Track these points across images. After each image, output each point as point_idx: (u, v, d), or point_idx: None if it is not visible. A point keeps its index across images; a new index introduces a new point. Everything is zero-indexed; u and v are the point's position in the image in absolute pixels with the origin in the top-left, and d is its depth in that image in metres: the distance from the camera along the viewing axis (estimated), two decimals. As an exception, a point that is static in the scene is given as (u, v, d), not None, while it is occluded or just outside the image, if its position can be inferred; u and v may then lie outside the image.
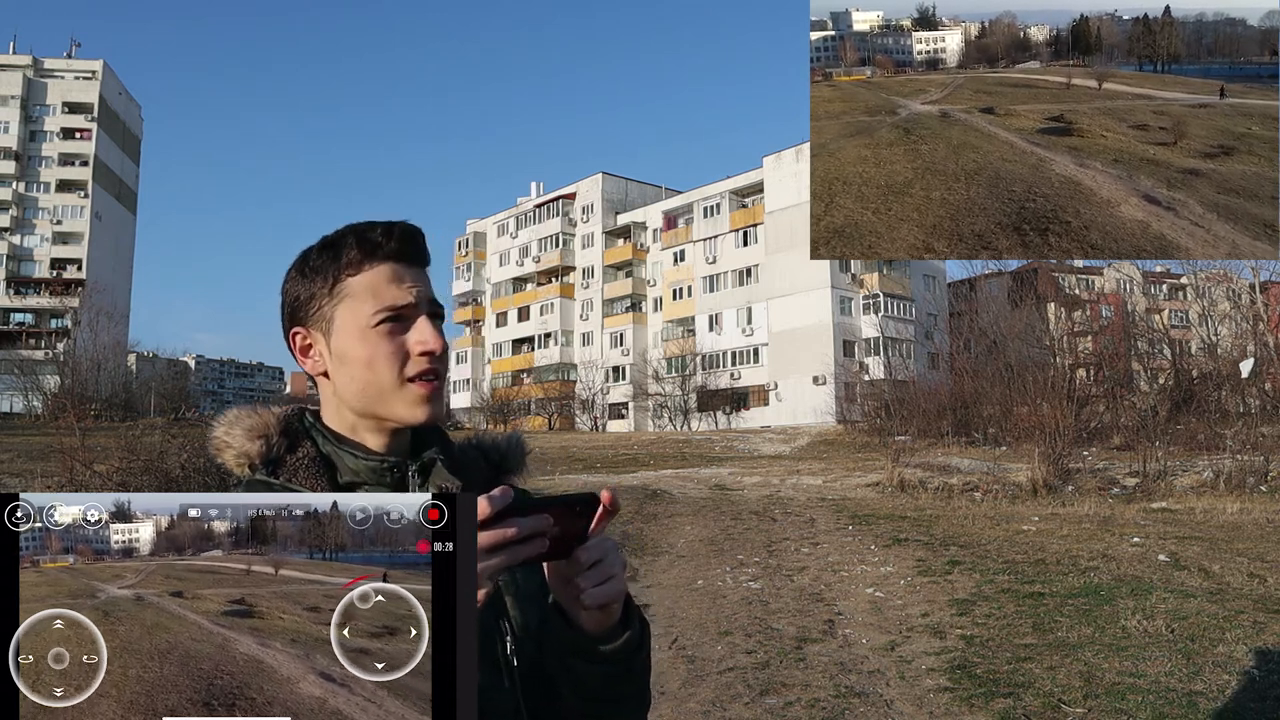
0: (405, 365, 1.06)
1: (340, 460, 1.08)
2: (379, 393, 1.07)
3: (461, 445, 1.22)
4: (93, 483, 11.91)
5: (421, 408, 1.07)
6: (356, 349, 1.07)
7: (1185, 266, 40.28)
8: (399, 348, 1.06)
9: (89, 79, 66.67)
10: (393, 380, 1.06)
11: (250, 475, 1.07)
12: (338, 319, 1.08)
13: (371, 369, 1.06)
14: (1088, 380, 30.55)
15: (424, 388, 1.07)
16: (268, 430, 1.09)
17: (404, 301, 1.07)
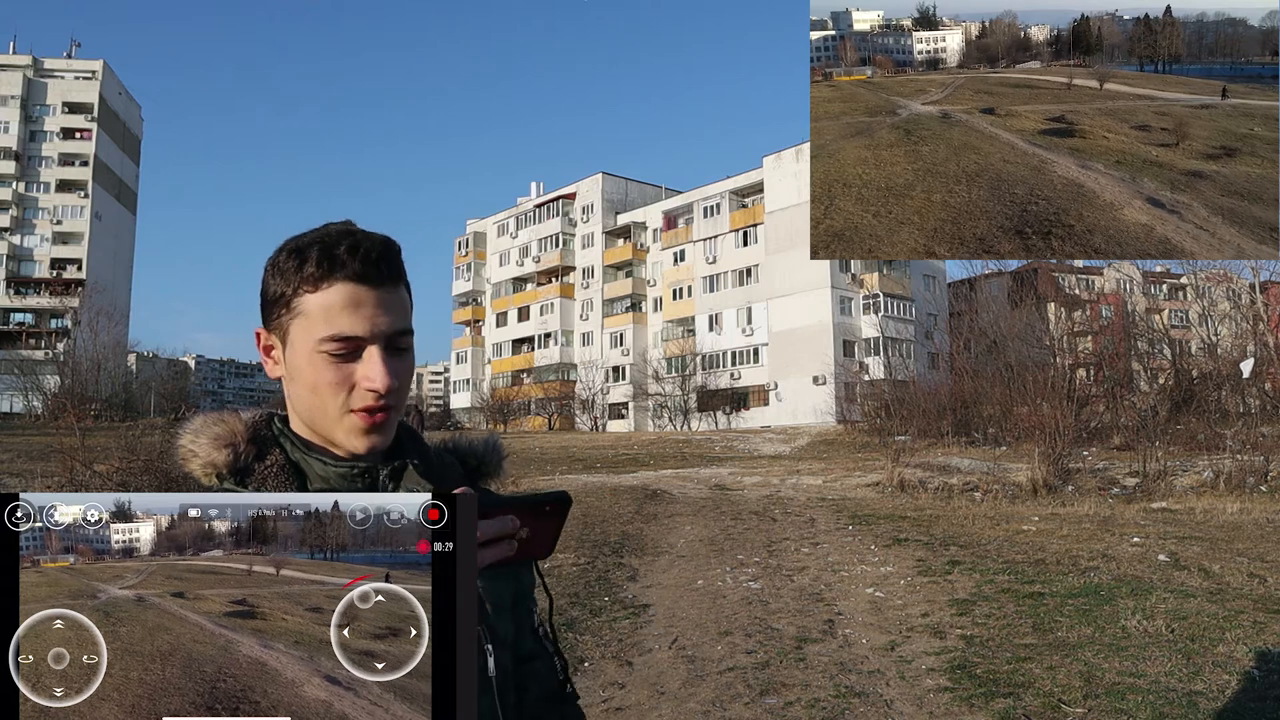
0: (350, 395, 1.02)
1: (309, 467, 1.05)
2: (322, 418, 1.04)
3: (437, 449, 1.19)
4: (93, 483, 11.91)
5: (361, 439, 1.03)
6: (303, 370, 1.03)
7: (1185, 266, 40.31)
8: (344, 378, 1.02)
9: (89, 79, 66.68)
10: (335, 410, 1.02)
11: (218, 485, 1.03)
12: (291, 333, 1.04)
13: (315, 394, 1.02)
14: (1088, 380, 30.59)
15: (365, 421, 1.02)
16: (235, 438, 1.05)
17: (354, 333, 1.01)
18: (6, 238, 64.10)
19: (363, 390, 1.01)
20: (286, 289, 1.03)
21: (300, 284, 1.02)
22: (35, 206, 65.09)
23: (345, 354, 1.01)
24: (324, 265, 1.01)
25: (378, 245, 1.03)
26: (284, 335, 1.05)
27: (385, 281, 1.03)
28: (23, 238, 64.77)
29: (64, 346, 55.49)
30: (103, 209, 66.62)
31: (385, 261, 1.03)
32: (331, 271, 1.01)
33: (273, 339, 1.07)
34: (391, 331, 1.03)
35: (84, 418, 22.49)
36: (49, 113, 65.65)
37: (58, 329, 61.01)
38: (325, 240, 1.02)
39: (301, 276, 1.02)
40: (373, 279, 1.02)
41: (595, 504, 14.23)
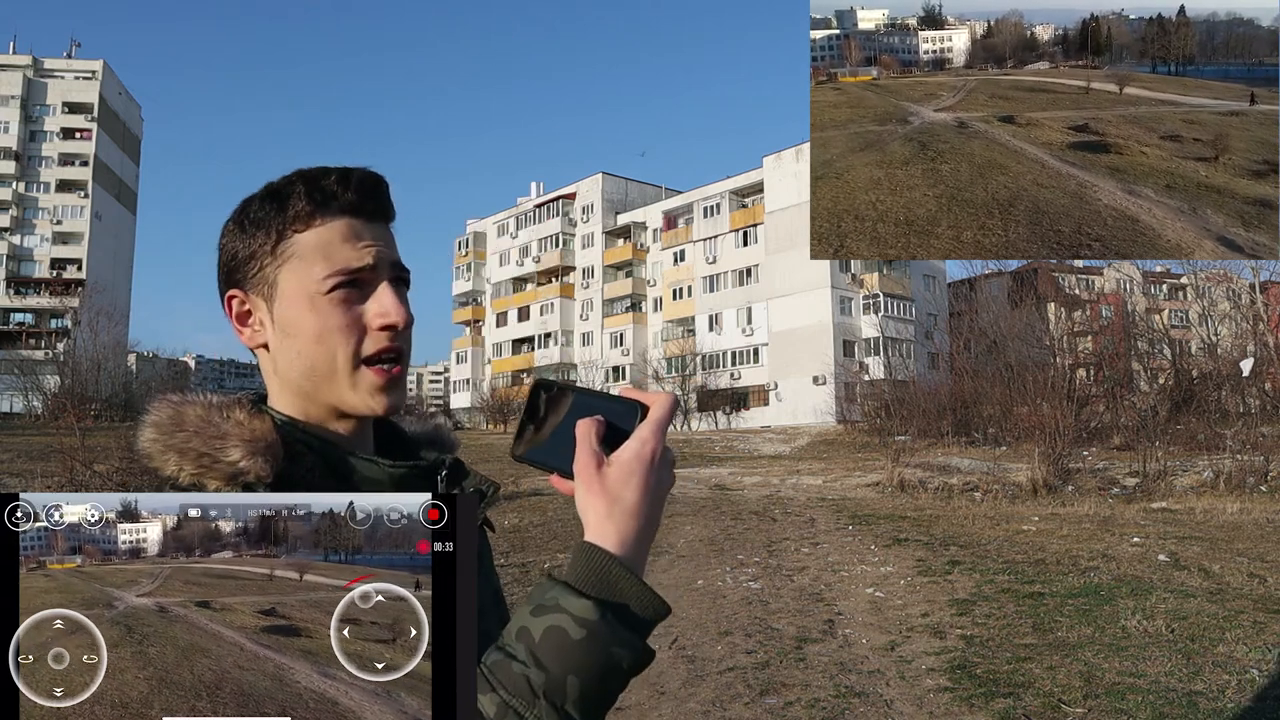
0: (362, 342, 0.91)
1: (352, 469, 0.93)
2: (329, 374, 0.91)
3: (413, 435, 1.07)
4: (93, 483, 11.92)
5: (378, 397, 0.92)
6: (304, 320, 0.91)
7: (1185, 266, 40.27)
8: (354, 320, 0.91)
9: (89, 79, 66.66)
10: (346, 360, 0.91)
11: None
12: (282, 283, 0.92)
13: (322, 344, 0.90)
14: (1088, 380, 30.58)
15: (380, 376, 0.91)
16: (268, 438, 0.90)
17: (361, 264, 0.91)
18: (6, 238, 64.10)
19: (376, 331, 0.91)
20: (268, 236, 0.92)
21: (287, 224, 0.91)
22: (35, 206, 65.08)
23: (353, 293, 0.91)
24: (315, 198, 0.91)
25: (369, 175, 0.94)
26: (270, 289, 0.92)
27: (381, 214, 0.95)
28: (23, 238, 64.76)
29: (64, 346, 55.45)
30: (103, 209, 66.60)
31: (379, 193, 0.95)
32: (324, 205, 0.91)
33: (251, 299, 0.94)
34: (397, 262, 0.94)
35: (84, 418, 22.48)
36: (49, 113, 65.63)
37: (58, 329, 60.99)
38: (307, 175, 0.93)
39: (287, 216, 0.91)
40: (369, 211, 0.93)
41: (595, 504, 14.21)
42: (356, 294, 0.91)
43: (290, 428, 0.93)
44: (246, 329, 0.95)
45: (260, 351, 0.96)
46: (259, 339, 0.95)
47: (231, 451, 0.88)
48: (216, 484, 0.87)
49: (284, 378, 0.94)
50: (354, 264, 0.91)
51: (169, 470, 0.89)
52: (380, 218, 0.95)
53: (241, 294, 0.95)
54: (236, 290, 0.95)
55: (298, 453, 0.91)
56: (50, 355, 55.47)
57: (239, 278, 0.94)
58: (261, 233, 0.92)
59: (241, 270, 0.94)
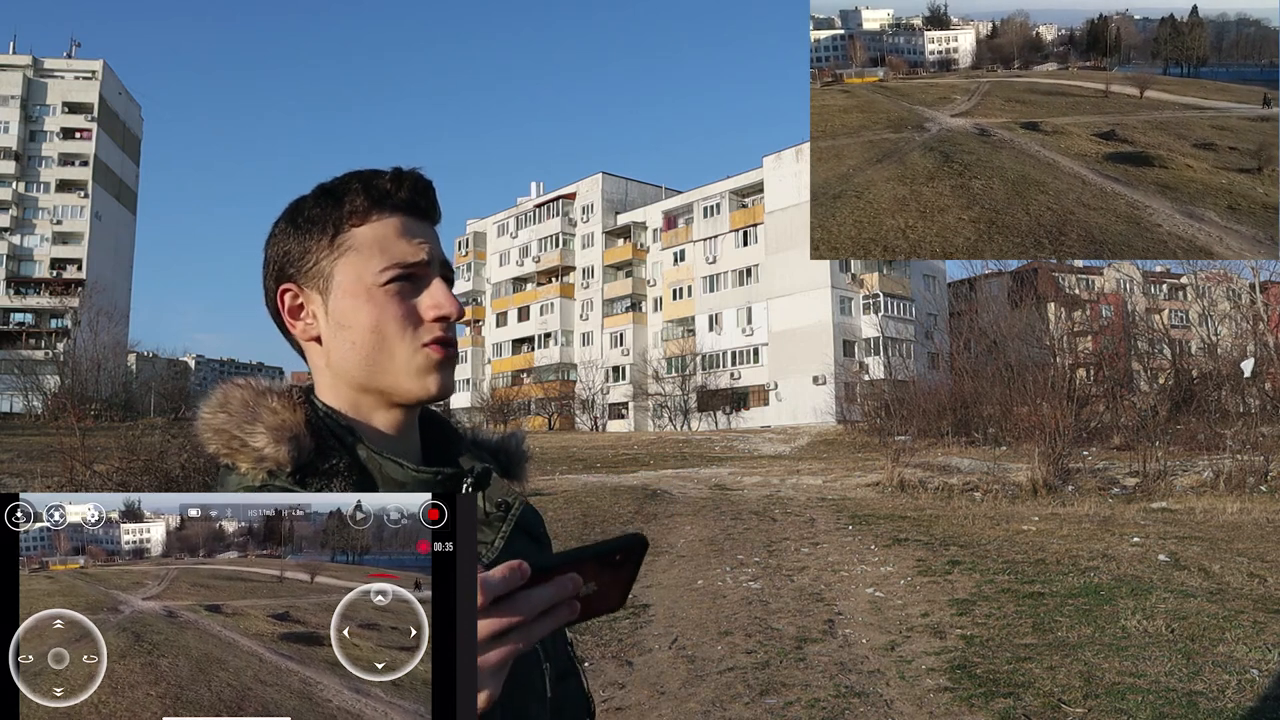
0: (417, 332, 0.94)
1: (380, 470, 0.93)
2: (386, 361, 0.94)
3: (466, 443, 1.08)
4: (93, 483, 11.91)
5: (432, 376, 0.95)
6: (361, 311, 0.94)
7: (1185, 266, 40.28)
8: (410, 311, 0.94)
9: (89, 79, 66.68)
10: (404, 348, 0.94)
11: (270, 482, 0.90)
12: (338, 275, 0.94)
13: (378, 334, 0.93)
14: (1088, 380, 30.59)
15: (439, 353, 0.94)
16: (298, 430, 0.91)
17: (416, 259, 0.95)
18: (6, 238, 64.11)
19: (430, 322, 0.94)
20: (324, 231, 0.95)
21: (345, 219, 0.95)
22: (35, 206, 65.10)
23: (408, 286, 0.95)
24: (371, 196, 0.95)
25: (421, 176, 0.98)
26: (325, 282, 0.95)
27: (430, 215, 0.99)
28: (23, 238, 64.78)
29: (64, 346, 55.48)
30: (103, 209, 66.62)
31: (430, 194, 0.99)
32: (380, 203, 0.95)
33: (306, 292, 0.96)
34: (445, 260, 0.98)
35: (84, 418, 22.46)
36: (49, 113, 65.65)
37: (58, 329, 61.03)
38: (362, 175, 0.96)
39: (344, 211, 0.95)
40: (421, 209, 0.98)
41: (595, 504, 14.23)
42: (410, 288, 0.95)
43: (330, 420, 0.95)
44: (299, 323, 0.97)
45: (311, 345, 0.98)
46: (311, 332, 0.97)
47: (258, 437, 0.90)
48: (246, 465, 0.90)
49: (336, 369, 0.96)
50: (410, 258, 0.94)
51: (210, 448, 0.92)
52: (430, 217, 0.99)
53: (295, 288, 0.97)
54: (290, 284, 0.97)
55: (330, 447, 0.93)
56: (50, 355, 55.51)
57: (292, 272, 0.97)
58: (317, 228, 0.95)
59: (295, 265, 0.96)
